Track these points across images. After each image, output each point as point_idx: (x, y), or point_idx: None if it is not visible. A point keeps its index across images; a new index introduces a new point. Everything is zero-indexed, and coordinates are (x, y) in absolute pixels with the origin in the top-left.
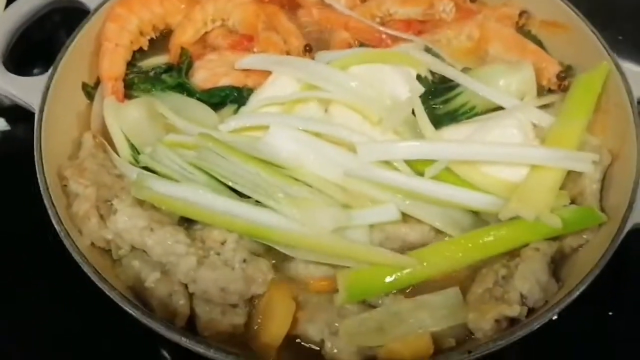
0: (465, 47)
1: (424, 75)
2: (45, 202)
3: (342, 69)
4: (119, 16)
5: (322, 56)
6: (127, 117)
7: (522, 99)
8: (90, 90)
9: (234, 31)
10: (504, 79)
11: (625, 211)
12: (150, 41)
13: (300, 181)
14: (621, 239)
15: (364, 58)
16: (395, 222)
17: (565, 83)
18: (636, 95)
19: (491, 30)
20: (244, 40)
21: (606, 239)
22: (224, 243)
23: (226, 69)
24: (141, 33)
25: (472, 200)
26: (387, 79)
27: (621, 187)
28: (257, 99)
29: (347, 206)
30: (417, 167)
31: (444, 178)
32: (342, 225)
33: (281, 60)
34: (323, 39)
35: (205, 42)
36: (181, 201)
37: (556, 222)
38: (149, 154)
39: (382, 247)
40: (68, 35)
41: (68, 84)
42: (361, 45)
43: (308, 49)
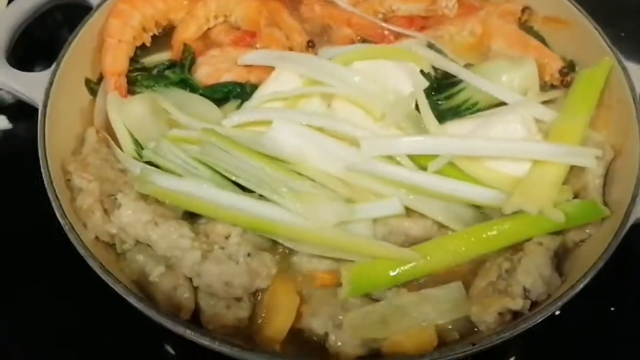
0: (467, 43)
1: (427, 71)
2: (49, 196)
3: (345, 65)
4: (121, 12)
5: (325, 52)
6: (131, 112)
7: (524, 94)
8: (93, 86)
9: (236, 27)
10: (506, 74)
11: (628, 205)
12: (153, 38)
13: (303, 175)
14: (624, 233)
15: (367, 54)
16: (398, 217)
17: (567, 79)
18: (639, 91)
19: (494, 26)
20: (246, 36)
21: (609, 233)
22: (228, 237)
23: (229, 65)
24: (144, 29)
25: (475, 195)
26: (390, 75)
27: (624, 182)
28: (260, 94)
29: (350, 200)
30: (420, 162)
31: (447, 173)
32: (345, 219)
33: (284, 56)
34: (325, 36)
35: (207, 38)
36: (185, 195)
37: (559, 216)
38: (152, 149)
39: (386, 241)
40: (70, 32)
41: (71, 80)
42: (363, 42)
43: (311, 45)
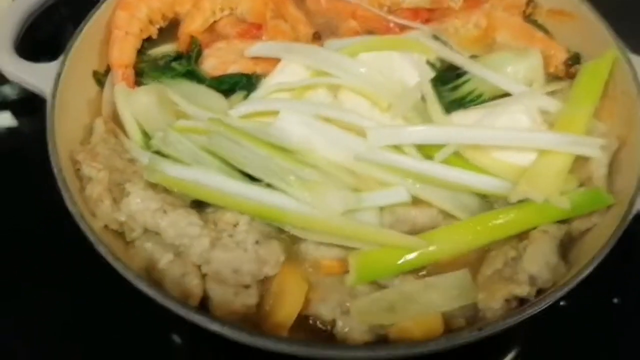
0: (472, 36)
1: (432, 63)
2: (59, 184)
3: (351, 56)
4: (129, 4)
5: (331, 44)
6: (138, 103)
7: (529, 86)
8: (101, 78)
9: (242, 20)
10: (511, 66)
11: (633, 194)
12: (159, 30)
13: (310, 165)
14: (629, 221)
15: (373, 45)
16: (405, 205)
17: (572, 70)
18: None
19: (498, 19)
20: (252, 28)
21: (614, 221)
22: (236, 225)
23: (235, 57)
24: (150, 22)
25: (481, 184)
26: (396, 66)
27: (629, 171)
28: (266, 85)
29: (357, 189)
30: (426, 152)
31: (453, 162)
32: (352, 208)
33: (290, 48)
34: (331, 28)
35: (214, 31)
36: (193, 183)
37: (565, 203)
38: (160, 139)
39: (392, 229)
40: (76, 26)
41: (78, 71)
42: (369, 34)
43: (317, 36)
